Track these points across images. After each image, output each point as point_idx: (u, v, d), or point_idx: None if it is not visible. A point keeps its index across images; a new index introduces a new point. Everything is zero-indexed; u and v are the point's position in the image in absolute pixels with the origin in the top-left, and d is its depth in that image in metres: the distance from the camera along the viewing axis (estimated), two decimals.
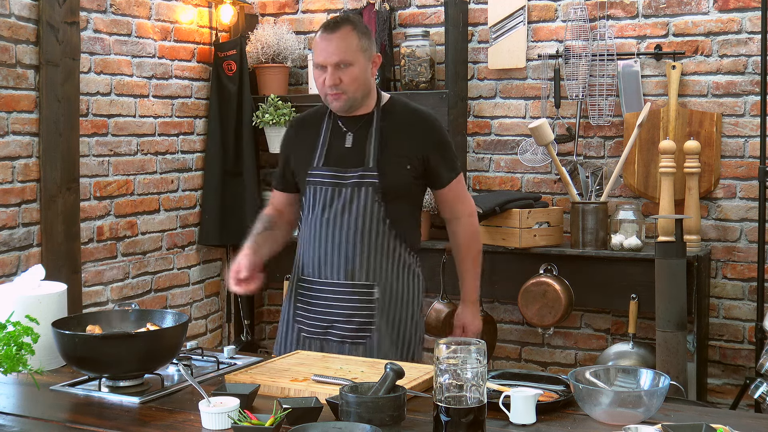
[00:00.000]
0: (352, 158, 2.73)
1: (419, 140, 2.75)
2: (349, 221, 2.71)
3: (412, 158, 2.73)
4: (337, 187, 2.72)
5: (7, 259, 3.49)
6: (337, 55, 2.67)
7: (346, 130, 2.77)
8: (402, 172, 2.72)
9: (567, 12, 4.19)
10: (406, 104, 2.84)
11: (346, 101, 2.71)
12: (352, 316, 2.72)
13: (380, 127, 2.74)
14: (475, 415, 1.77)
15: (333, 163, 2.74)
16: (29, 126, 3.58)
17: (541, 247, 3.99)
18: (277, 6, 4.82)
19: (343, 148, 2.75)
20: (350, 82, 2.68)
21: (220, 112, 4.52)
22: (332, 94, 2.69)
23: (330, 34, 2.70)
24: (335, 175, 2.73)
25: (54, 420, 2.01)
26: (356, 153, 2.73)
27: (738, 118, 3.95)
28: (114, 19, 4.00)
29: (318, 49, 2.71)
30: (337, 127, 2.78)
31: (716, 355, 4.04)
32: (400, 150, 2.73)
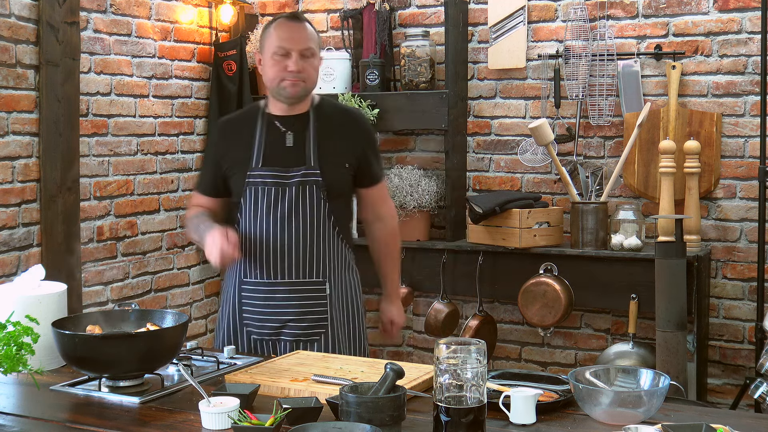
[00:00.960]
0: (294, 157, 2.73)
1: (354, 139, 2.81)
2: (297, 220, 2.71)
3: (349, 157, 2.78)
4: (280, 187, 2.71)
5: (7, 259, 3.49)
6: (304, 43, 2.71)
7: (285, 130, 2.76)
8: (342, 170, 2.77)
9: (567, 12, 4.19)
10: (336, 104, 2.94)
11: (302, 89, 2.73)
12: (306, 314, 2.74)
13: (316, 126, 2.76)
14: (475, 415, 1.77)
15: (274, 162, 2.73)
16: (29, 126, 3.58)
17: (541, 247, 3.99)
18: (277, 6, 4.82)
19: (283, 148, 2.75)
20: (312, 72, 2.73)
21: (220, 112, 4.51)
22: (292, 80, 2.69)
23: (296, 23, 2.75)
24: (278, 174, 2.72)
25: (54, 420, 2.01)
26: (297, 152, 2.74)
27: (738, 118, 3.95)
28: (114, 19, 4.00)
29: (281, 35, 2.71)
30: (274, 126, 2.77)
31: (716, 355, 4.04)
32: (337, 149, 2.77)
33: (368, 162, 2.83)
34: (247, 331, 2.78)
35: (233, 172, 2.78)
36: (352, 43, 4.49)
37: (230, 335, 2.80)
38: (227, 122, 2.93)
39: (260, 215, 2.73)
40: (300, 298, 2.73)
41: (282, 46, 2.70)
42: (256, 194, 2.72)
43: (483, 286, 4.12)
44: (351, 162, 2.79)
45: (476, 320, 4.19)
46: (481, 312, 4.22)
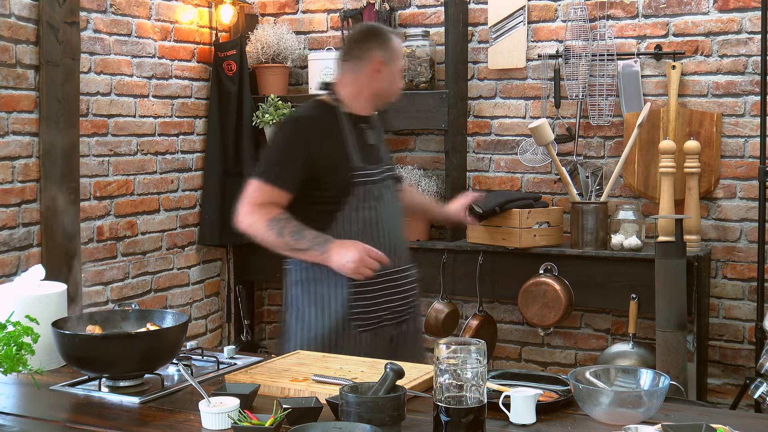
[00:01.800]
0: (377, 155, 2.93)
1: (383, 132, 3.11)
2: (395, 212, 2.92)
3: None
4: (378, 183, 2.87)
5: (7, 259, 3.49)
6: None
7: (365, 129, 2.93)
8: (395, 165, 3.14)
9: (567, 12, 4.19)
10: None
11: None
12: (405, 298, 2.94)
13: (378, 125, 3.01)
14: (475, 415, 1.77)
15: (370, 161, 2.88)
16: (29, 126, 3.58)
17: (541, 247, 3.99)
18: (277, 6, 4.82)
19: (371, 147, 2.92)
20: None
21: (220, 112, 4.52)
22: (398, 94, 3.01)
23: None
24: (374, 172, 2.87)
25: (54, 420, 2.01)
26: (377, 149, 2.94)
27: (738, 118, 3.95)
28: (114, 19, 4.00)
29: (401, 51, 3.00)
30: (359, 127, 2.89)
31: (716, 355, 4.04)
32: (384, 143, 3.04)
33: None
34: (354, 325, 2.81)
35: (331, 171, 2.78)
36: None
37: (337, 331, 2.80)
38: (312, 120, 2.85)
39: (369, 212, 2.83)
40: (403, 284, 2.91)
41: (403, 62, 3.15)
42: (363, 191, 2.81)
43: (483, 286, 4.12)
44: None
45: (476, 320, 4.19)
46: (481, 312, 4.22)
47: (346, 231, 2.78)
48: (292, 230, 2.71)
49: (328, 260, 2.69)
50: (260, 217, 2.75)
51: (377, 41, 2.89)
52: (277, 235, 2.71)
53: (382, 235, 2.85)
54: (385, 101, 2.98)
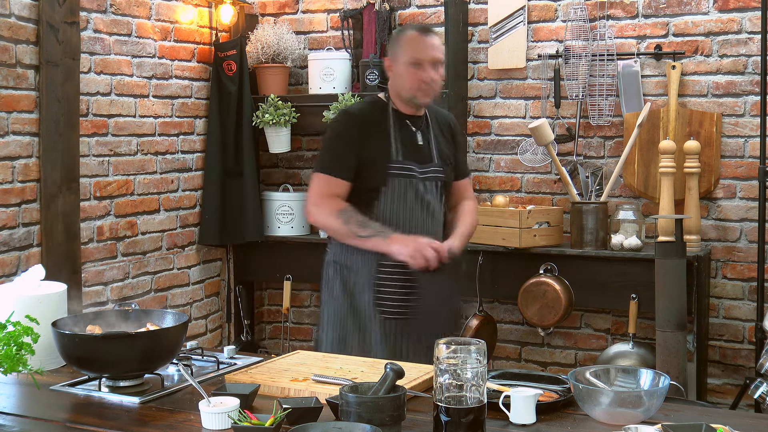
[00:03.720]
0: (425, 154, 3.02)
1: (453, 140, 3.15)
2: (430, 210, 3.00)
3: (452, 155, 3.11)
4: (417, 180, 2.97)
5: (7, 259, 3.49)
6: (436, 54, 2.97)
7: (415, 129, 3.02)
8: (450, 168, 3.09)
9: (567, 12, 4.19)
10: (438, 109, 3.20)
11: (432, 97, 3.02)
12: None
13: (434, 128, 3.08)
14: (475, 415, 1.77)
15: (411, 157, 2.98)
16: (29, 126, 3.58)
17: (541, 247, 3.99)
18: (277, 6, 4.82)
19: (416, 145, 3.01)
20: (440, 80, 3.01)
21: (220, 112, 4.52)
22: (425, 90, 2.96)
23: (428, 36, 2.99)
24: (415, 168, 2.97)
25: (54, 420, 2.01)
26: (426, 150, 3.03)
27: (738, 118, 3.95)
28: (114, 19, 4.00)
29: (416, 47, 2.96)
30: (405, 124, 3.02)
31: (716, 355, 4.04)
32: (446, 148, 3.09)
33: (459, 158, 3.18)
34: (380, 310, 2.94)
35: (373, 161, 2.95)
36: (352, 43, 4.49)
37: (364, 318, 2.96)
38: (361, 114, 3.06)
39: (403, 205, 2.96)
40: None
41: (415, 57, 2.95)
42: (398, 184, 2.95)
43: (483, 286, 4.12)
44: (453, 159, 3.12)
45: (476, 320, 4.19)
46: (481, 312, 4.21)
47: (383, 220, 2.96)
48: (358, 220, 2.92)
49: (389, 247, 2.86)
50: (328, 209, 2.94)
51: (390, 42, 3.13)
52: (344, 222, 2.92)
53: (414, 230, 2.94)
54: (414, 102, 3.00)
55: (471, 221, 3.15)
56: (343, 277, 3.02)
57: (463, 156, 3.26)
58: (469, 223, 3.13)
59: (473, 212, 3.19)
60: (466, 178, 3.23)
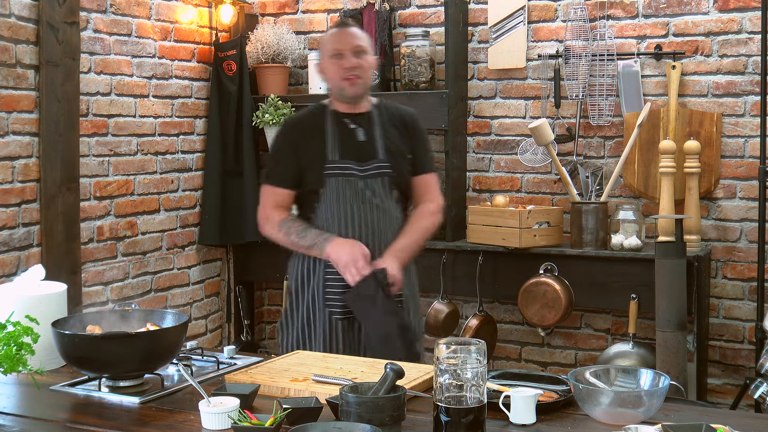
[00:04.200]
0: (366, 151, 2.97)
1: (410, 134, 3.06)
2: (374, 207, 2.95)
3: (407, 149, 3.04)
4: (357, 178, 2.93)
5: (7, 259, 3.49)
6: (355, 42, 2.97)
7: (354, 126, 2.99)
8: (404, 162, 3.02)
9: (567, 12, 4.19)
10: (391, 104, 3.14)
11: (361, 86, 2.96)
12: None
13: (380, 123, 3.00)
14: (475, 415, 1.77)
15: (349, 156, 2.96)
16: (29, 126, 3.58)
17: (541, 247, 3.99)
18: (277, 6, 4.82)
19: (356, 142, 2.98)
20: (367, 68, 2.98)
21: (220, 112, 4.52)
22: (350, 78, 2.93)
23: (346, 28, 3.02)
24: (354, 166, 2.94)
25: (54, 420, 2.01)
26: (368, 146, 2.98)
27: (738, 118, 3.95)
28: (114, 19, 4.00)
29: (334, 39, 2.98)
30: (343, 122, 3.00)
31: (716, 355, 4.04)
32: (399, 143, 3.02)
33: (418, 153, 3.07)
34: (329, 312, 2.94)
35: (310, 165, 2.96)
36: None
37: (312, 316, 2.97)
38: (295, 120, 3.13)
39: (343, 204, 2.94)
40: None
41: (335, 47, 2.96)
42: (337, 185, 2.94)
43: (483, 286, 4.12)
44: (409, 154, 3.04)
45: (476, 320, 4.19)
46: (481, 312, 4.22)
47: (325, 222, 2.96)
48: (298, 230, 2.94)
49: (327, 255, 2.88)
50: (272, 221, 2.99)
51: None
52: (286, 234, 2.96)
53: (358, 230, 2.93)
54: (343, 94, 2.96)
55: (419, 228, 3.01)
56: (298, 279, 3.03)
57: (423, 151, 3.09)
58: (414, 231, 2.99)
59: (426, 216, 3.04)
60: (428, 174, 3.08)
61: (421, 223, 3.04)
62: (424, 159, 3.09)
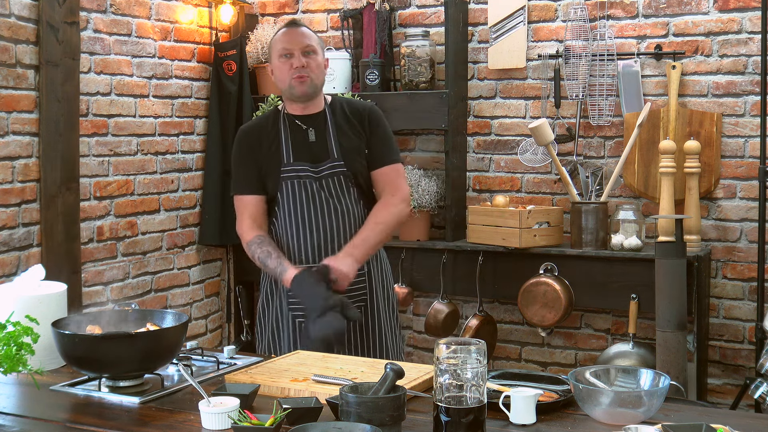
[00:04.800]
0: (319, 152, 2.96)
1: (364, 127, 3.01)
2: (332, 208, 2.93)
3: (363, 144, 3.00)
4: (313, 180, 2.93)
5: (7, 259, 3.49)
6: (304, 41, 2.94)
7: (306, 127, 2.98)
8: (361, 158, 2.98)
9: (567, 12, 4.19)
10: (346, 100, 3.12)
11: (310, 85, 2.93)
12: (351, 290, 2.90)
13: (333, 121, 2.98)
14: (475, 415, 1.77)
15: (303, 158, 2.95)
16: (29, 126, 3.58)
17: (541, 247, 3.99)
18: (277, 6, 4.82)
19: (307, 143, 2.97)
20: (315, 67, 2.95)
21: (220, 112, 4.52)
22: (298, 78, 2.91)
23: (295, 28, 2.99)
24: (308, 168, 2.93)
25: (54, 420, 2.01)
26: (321, 147, 2.96)
27: (738, 118, 3.95)
28: (114, 19, 4.00)
29: (282, 40, 2.96)
30: (296, 125, 2.99)
31: (716, 355, 4.04)
32: (353, 139, 2.99)
33: (373, 145, 3.01)
34: (292, 315, 2.94)
35: (269, 171, 2.96)
36: (352, 43, 4.49)
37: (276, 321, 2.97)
38: (249, 129, 3.09)
39: (299, 207, 2.93)
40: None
41: (284, 47, 2.94)
42: (292, 188, 2.93)
43: (483, 286, 4.12)
44: (365, 148, 3.00)
45: (476, 320, 4.19)
46: (481, 312, 4.22)
47: (283, 226, 2.96)
48: (261, 255, 2.93)
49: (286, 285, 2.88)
50: (244, 241, 3.00)
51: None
52: (252, 256, 2.97)
53: (314, 230, 2.92)
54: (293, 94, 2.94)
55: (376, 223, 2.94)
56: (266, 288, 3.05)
57: (380, 144, 3.00)
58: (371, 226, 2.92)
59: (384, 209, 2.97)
60: (388, 166, 3.00)
61: (378, 217, 2.96)
62: (383, 151, 3.01)
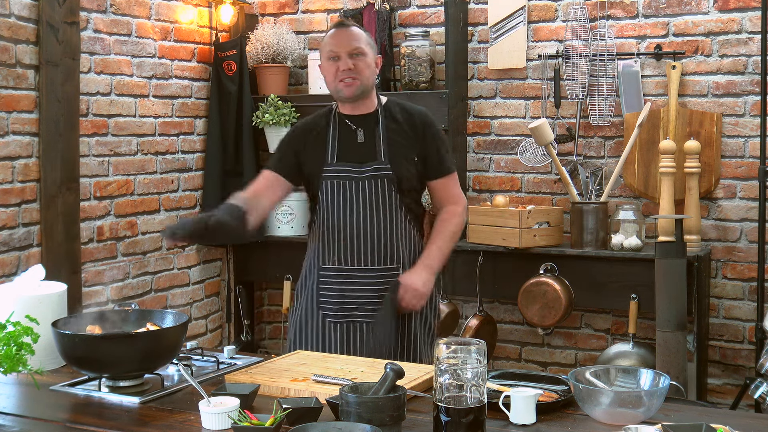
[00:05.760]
0: (365, 153, 2.91)
1: (418, 135, 2.95)
2: (371, 211, 2.89)
3: (414, 151, 2.94)
4: (354, 181, 2.89)
5: (7, 259, 3.49)
6: (351, 44, 2.89)
7: (356, 127, 2.94)
8: (409, 164, 2.93)
9: (567, 12, 4.19)
10: (401, 103, 3.05)
11: (358, 87, 2.88)
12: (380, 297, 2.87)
13: (385, 124, 2.93)
14: (475, 415, 1.77)
15: (347, 158, 2.92)
16: (29, 126, 3.58)
17: (541, 247, 3.99)
18: (277, 6, 4.82)
19: (355, 144, 2.93)
20: (363, 69, 2.89)
21: (220, 112, 4.52)
22: (346, 80, 2.87)
23: (343, 29, 2.94)
24: (351, 169, 2.90)
25: (54, 420, 2.01)
26: (368, 148, 2.92)
27: (738, 118, 3.95)
28: (114, 19, 4.00)
29: (331, 41, 2.92)
30: (345, 124, 2.96)
31: (716, 355, 4.04)
32: (404, 144, 2.93)
33: (431, 156, 2.97)
34: (322, 314, 2.92)
35: (311, 168, 2.94)
36: None
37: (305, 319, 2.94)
38: (303, 123, 3.07)
39: (337, 207, 2.90)
40: (375, 283, 2.88)
41: (332, 50, 2.90)
42: (332, 188, 2.90)
43: (483, 286, 4.12)
44: (417, 156, 2.94)
45: (476, 320, 4.19)
46: (481, 312, 4.22)
47: (323, 224, 2.94)
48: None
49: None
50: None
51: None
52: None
53: (350, 231, 2.89)
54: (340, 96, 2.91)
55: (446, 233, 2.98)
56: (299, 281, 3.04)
57: (436, 153, 2.97)
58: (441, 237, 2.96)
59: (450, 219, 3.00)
60: (445, 177, 3.00)
61: (447, 227, 2.98)
62: (439, 161, 2.98)
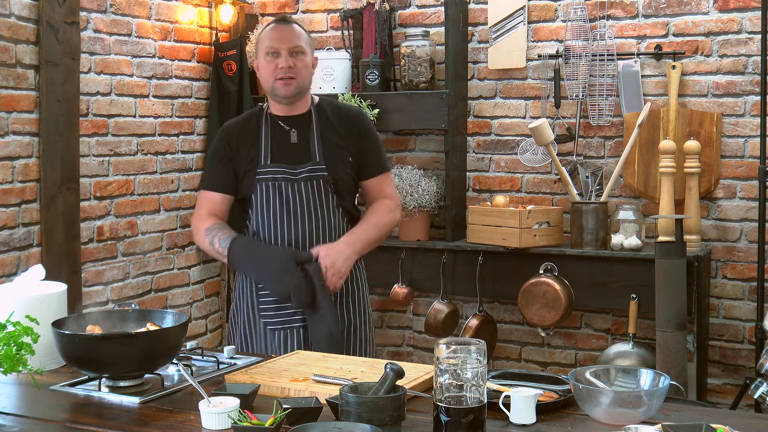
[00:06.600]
0: (300, 154, 2.87)
1: (353, 134, 2.92)
2: (307, 213, 2.84)
3: (349, 151, 2.91)
4: (289, 182, 2.84)
5: (7, 259, 3.49)
6: (292, 41, 2.84)
7: (289, 128, 2.89)
8: (345, 164, 2.90)
9: (567, 12, 4.19)
10: (335, 103, 3.04)
11: (296, 86, 2.84)
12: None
13: (318, 124, 2.89)
14: (475, 415, 1.77)
15: (282, 159, 2.86)
16: (29, 126, 3.58)
17: (541, 247, 3.99)
18: (277, 6, 4.82)
19: (288, 145, 2.88)
20: (302, 68, 2.85)
21: (220, 112, 4.52)
22: (284, 79, 2.82)
23: (284, 25, 2.89)
24: (286, 170, 2.85)
25: (54, 420, 2.01)
26: (302, 149, 2.87)
27: (738, 118, 3.95)
28: (114, 19, 4.00)
29: (270, 37, 2.86)
30: (278, 125, 2.91)
31: (716, 355, 4.04)
32: (338, 144, 2.90)
33: (365, 154, 2.94)
34: (263, 322, 2.88)
35: (243, 171, 2.88)
36: (352, 43, 4.49)
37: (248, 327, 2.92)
38: (231, 126, 3.01)
39: (272, 210, 2.84)
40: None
41: (271, 46, 2.84)
42: (267, 190, 2.84)
43: (483, 286, 4.12)
44: (352, 155, 2.91)
45: (476, 320, 4.19)
46: (481, 312, 4.22)
47: (256, 229, 2.88)
48: (221, 238, 2.85)
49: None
50: (199, 229, 2.91)
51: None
52: (210, 243, 2.87)
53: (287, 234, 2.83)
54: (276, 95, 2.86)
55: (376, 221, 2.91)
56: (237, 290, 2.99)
57: (371, 152, 2.94)
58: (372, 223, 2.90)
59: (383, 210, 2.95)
60: (380, 176, 2.97)
61: (379, 215, 2.93)
62: (376, 160, 2.96)
